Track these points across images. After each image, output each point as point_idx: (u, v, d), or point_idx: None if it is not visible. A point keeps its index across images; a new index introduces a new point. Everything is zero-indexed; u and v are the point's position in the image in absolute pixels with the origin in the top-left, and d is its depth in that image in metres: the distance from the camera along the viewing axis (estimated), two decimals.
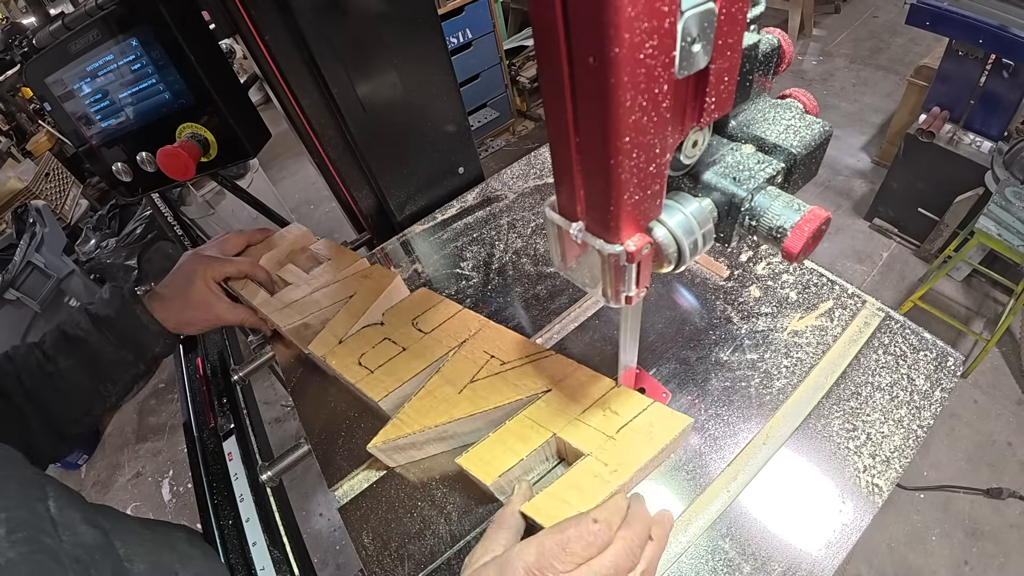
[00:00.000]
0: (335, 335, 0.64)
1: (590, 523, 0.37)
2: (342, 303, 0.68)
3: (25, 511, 0.35)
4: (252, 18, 0.64)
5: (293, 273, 0.74)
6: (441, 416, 0.53)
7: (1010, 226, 1.46)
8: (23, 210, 2.27)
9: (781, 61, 0.38)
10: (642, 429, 0.48)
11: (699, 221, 0.34)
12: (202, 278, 0.67)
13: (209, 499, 0.63)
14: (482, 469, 0.48)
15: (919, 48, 3.04)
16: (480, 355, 0.58)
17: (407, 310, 0.66)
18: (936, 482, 1.54)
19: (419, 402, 0.55)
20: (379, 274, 0.70)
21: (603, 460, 0.46)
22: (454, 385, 0.55)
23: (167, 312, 0.65)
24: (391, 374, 0.58)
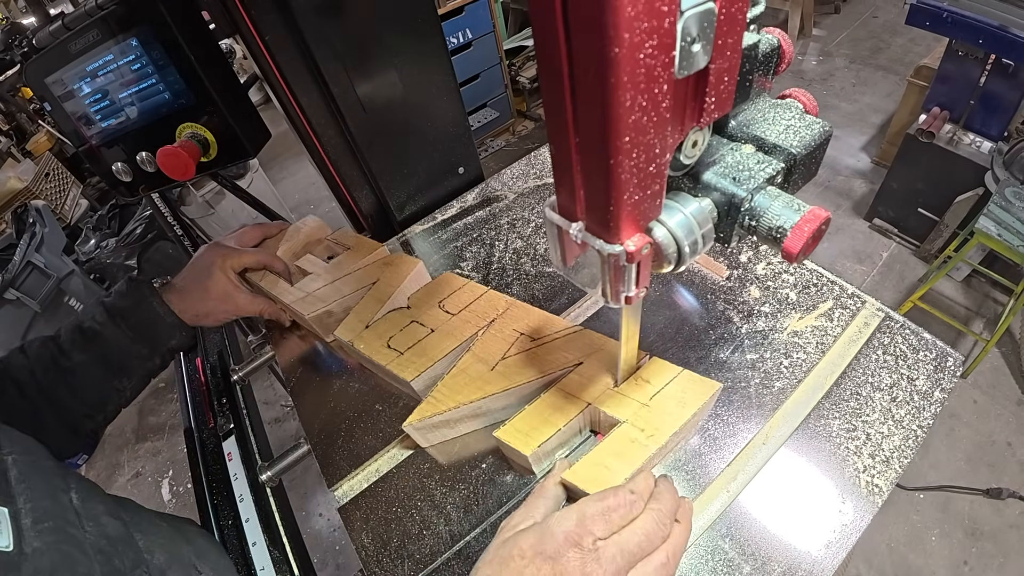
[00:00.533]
0: (361, 320, 0.64)
1: (627, 492, 0.38)
2: (364, 290, 0.68)
3: (50, 501, 0.35)
4: (252, 18, 0.64)
5: (312, 263, 0.74)
6: (476, 392, 0.53)
7: (1010, 226, 1.46)
8: (23, 210, 2.27)
9: (781, 61, 0.38)
10: (674, 395, 0.49)
11: (699, 221, 0.34)
12: (221, 268, 0.67)
13: (209, 499, 0.63)
14: (521, 441, 0.49)
15: (919, 48, 3.05)
16: (510, 332, 0.59)
17: (432, 293, 0.66)
18: (936, 482, 1.54)
19: (452, 380, 0.55)
20: (400, 260, 0.70)
21: (639, 426, 0.47)
22: (486, 363, 0.56)
23: (184, 304, 0.65)
24: (421, 355, 0.58)
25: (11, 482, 0.35)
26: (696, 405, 0.48)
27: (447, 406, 0.53)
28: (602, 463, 0.45)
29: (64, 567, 0.32)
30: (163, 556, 0.41)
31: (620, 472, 0.45)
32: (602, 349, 0.55)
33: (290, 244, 0.76)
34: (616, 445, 0.47)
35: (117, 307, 0.62)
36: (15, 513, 0.32)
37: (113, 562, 0.36)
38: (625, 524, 0.37)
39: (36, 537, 0.32)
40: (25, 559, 0.31)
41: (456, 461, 0.56)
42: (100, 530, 0.37)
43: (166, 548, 0.42)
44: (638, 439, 0.47)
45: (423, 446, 0.57)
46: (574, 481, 0.44)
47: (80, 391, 0.59)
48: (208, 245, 0.70)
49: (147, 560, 0.39)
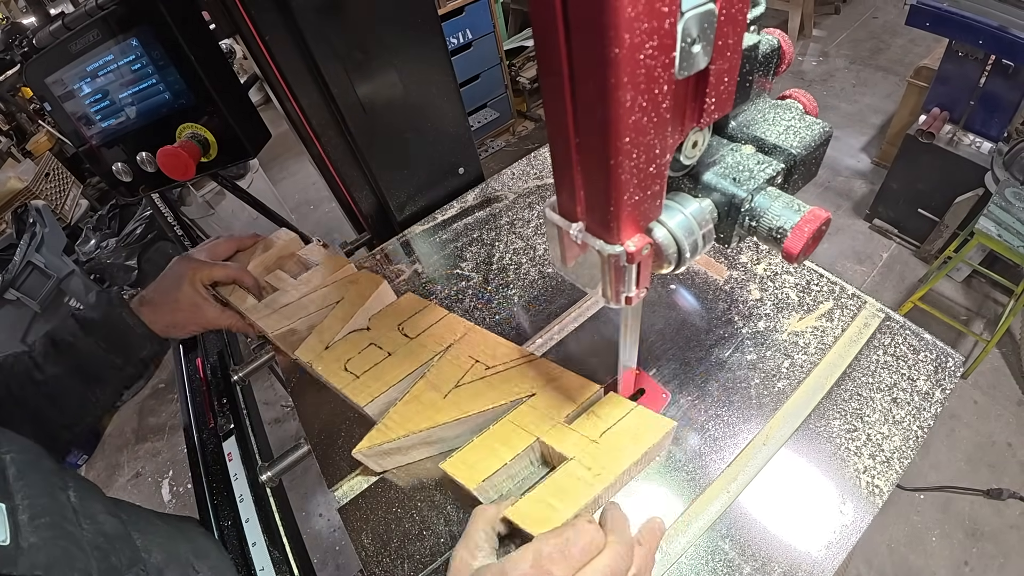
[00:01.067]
0: (321, 341, 0.64)
1: (586, 525, 0.37)
2: (328, 308, 0.68)
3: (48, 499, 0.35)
4: (252, 18, 0.64)
5: (280, 278, 0.73)
6: (426, 421, 0.53)
7: (1010, 227, 1.46)
8: (23, 210, 2.27)
9: (781, 62, 0.38)
10: (625, 432, 0.48)
11: (699, 222, 0.34)
12: (190, 282, 0.67)
13: (209, 499, 0.63)
14: (466, 473, 0.48)
15: (919, 49, 3.04)
16: (465, 359, 0.58)
17: (393, 315, 0.66)
18: (936, 483, 1.54)
19: (404, 407, 0.55)
20: (366, 279, 0.70)
21: (586, 464, 0.46)
22: (439, 390, 0.55)
23: (155, 315, 0.65)
24: (377, 379, 0.58)
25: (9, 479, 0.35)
26: (647, 444, 0.47)
27: (397, 434, 0.52)
28: (545, 501, 0.44)
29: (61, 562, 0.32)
30: (161, 555, 0.41)
31: (564, 512, 0.43)
32: (557, 380, 0.54)
33: (262, 258, 0.76)
34: (561, 483, 0.45)
35: (88, 319, 0.62)
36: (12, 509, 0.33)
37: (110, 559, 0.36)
38: (588, 559, 0.35)
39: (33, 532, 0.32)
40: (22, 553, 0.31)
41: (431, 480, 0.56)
42: (97, 528, 0.37)
43: (164, 547, 0.42)
44: (584, 478, 0.45)
45: (377, 472, 0.57)
46: (516, 519, 0.42)
47: (56, 403, 0.59)
48: (179, 257, 0.71)
49: (144, 559, 0.39)
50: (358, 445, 0.53)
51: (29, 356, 0.60)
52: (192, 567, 0.44)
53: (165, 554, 0.42)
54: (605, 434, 0.48)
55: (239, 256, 0.77)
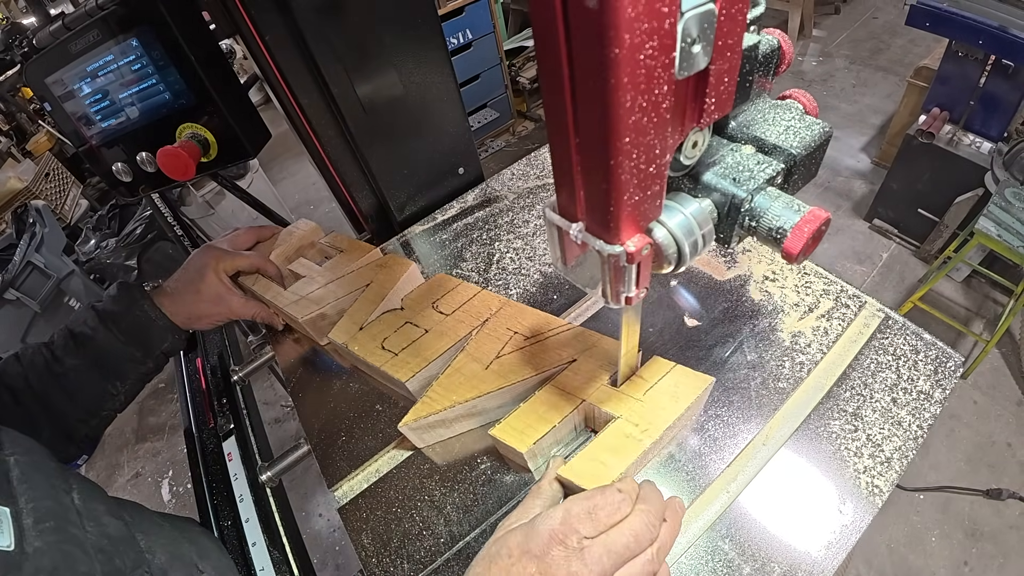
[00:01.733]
0: (355, 322, 0.64)
1: (615, 492, 0.38)
2: (358, 292, 0.68)
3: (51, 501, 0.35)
4: (252, 18, 0.64)
5: (305, 266, 0.74)
6: (471, 391, 0.54)
7: (1010, 227, 1.46)
8: (23, 210, 2.27)
9: (781, 62, 0.38)
10: (667, 390, 0.50)
11: (699, 222, 0.34)
12: (214, 271, 0.67)
13: (209, 499, 0.63)
14: (516, 438, 0.49)
15: (919, 49, 3.05)
16: (504, 332, 0.59)
17: (426, 294, 0.66)
18: (936, 483, 1.54)
19: (447, 379, 0.55)
20: (394, 262, 0.70)
21: (633, 421, 0.48)
22: (480, 362, 0.56)
23: (176, 306, 0.65)
24: (416, 355, 0.59)
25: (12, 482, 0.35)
26: (689, 399, 0.49)
27: (442, 406, 0.53)
28: (597, 459, 0.46)
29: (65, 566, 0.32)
30: (164, 556, 0.41)
31: (615, 467, 0.45)
32: (596, 346, 0.55)
33: (283, 248, 0.76)
34: (611, 440, 0.47)
35: (108, 311, 0.62)
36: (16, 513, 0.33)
37: (114, 561, 0.36)
38: (613, 523, 0.37)
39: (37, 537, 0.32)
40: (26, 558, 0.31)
41: (455, 461, 0.56)
42: (101, 530, 0.37)
43: (167, 548, 0.42)
44: (632, 434, 0.47)
45: (419, 447, 0.57)
46: (569, 477, 0.44)
47: (74, 396, 0.59)
48: (201, 248, 0.71)
49: (148, 560, 0.39)
50: (404, 419, 0.53)
51: (48, 348, 0.60)
52: (196, 567, 0.45)
53: (169, 555, 0.42)
54: (648, 392, 0.50)
55: (260, 247, 0.77)
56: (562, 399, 0.51)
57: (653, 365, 0.52)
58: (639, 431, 0.47)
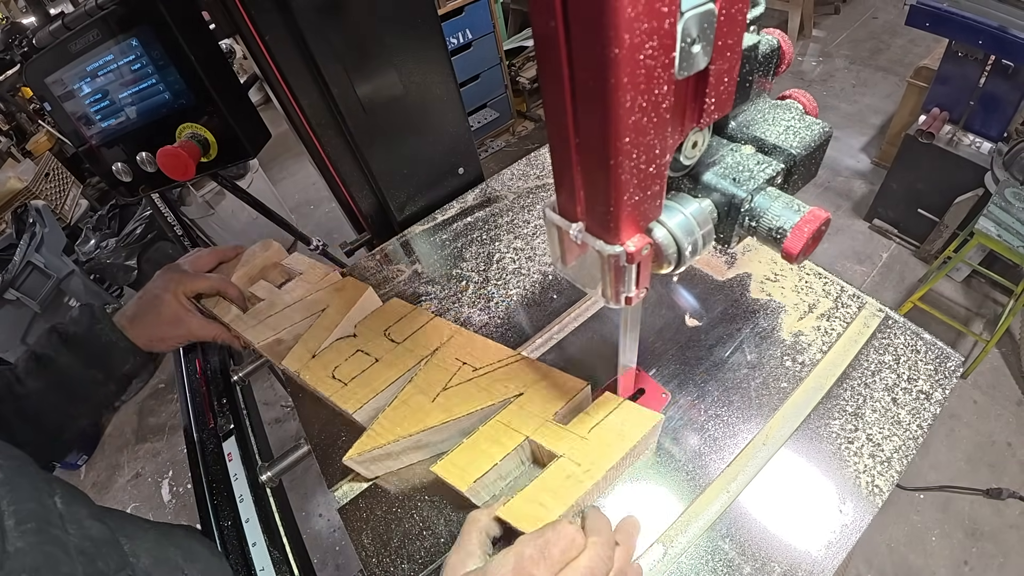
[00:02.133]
0: (308, 349, 0.63)
1: (566, 525, 0.37)
2: (314, 317, 0.67)
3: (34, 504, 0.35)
4: (252, 18, 0.64)
5: (265, 289, 0.73)
6: (415, 425, 0.53)
7: (1010, 227, 1.46)
8: (23, 210, 2.27)
9: (781, 62, 0.38)
10: (613, 428, 0.48)
11: (699, 222, 0.34)
12: (173, 293, 0.66)
13: (209, 500, 0.63)
14: (457, 476, 0.48)
15: (919, 49, 3.05)
16: (452, 362, 0.58)
17: (379, 321, 0.66)
18: (936, 482, 1.54)
19: (393, 412, 0.55)
20: (351, 286, 0.70)
21: (576, 460, 0.46)
22: (427, 394, 0.55)
23: (138, 329, 0.65)
24: (365, 385, 0.58)
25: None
26: (635, 438, 0.47)
27: (387, 439, 0.52)
28: (536, 500, 0.44)
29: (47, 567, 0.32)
30: (148, 559, 0.41)
31: (555, 509, 0.43)
32: (544, 379, 0.54)
33: (246, 269, 0.75)
34: (552, 481, 0.45)
35: (70, 333, 0.62)
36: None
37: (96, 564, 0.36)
38: (568, 560, 0.36)
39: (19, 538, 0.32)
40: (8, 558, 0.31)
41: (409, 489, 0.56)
42: (83, 532, 0.37)
43: (152, 552, 0.42)
44: (574, 474, 0.45)
45: (368, 478, 0.57)
46: (508, 518, 0.43)
47: (36, 419, 0.59)
48: (162, 270, 0.70)
49: (132, 563, 0.39)
50: (348, 452, 0.52)
51: (11, 371, 0.60)
52: (182, 571, 0.44)
53: (153, 558, 0.41)
54: (593, 430, 0.48)
55: (222, 268, 0.76)
56: (505, 435, 0.50)
57: (600, 400, 0.51)
58: (581, 471, 0.45)
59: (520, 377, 0.55)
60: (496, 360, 0.57)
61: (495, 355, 0.58)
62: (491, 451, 0.49)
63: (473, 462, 0.48)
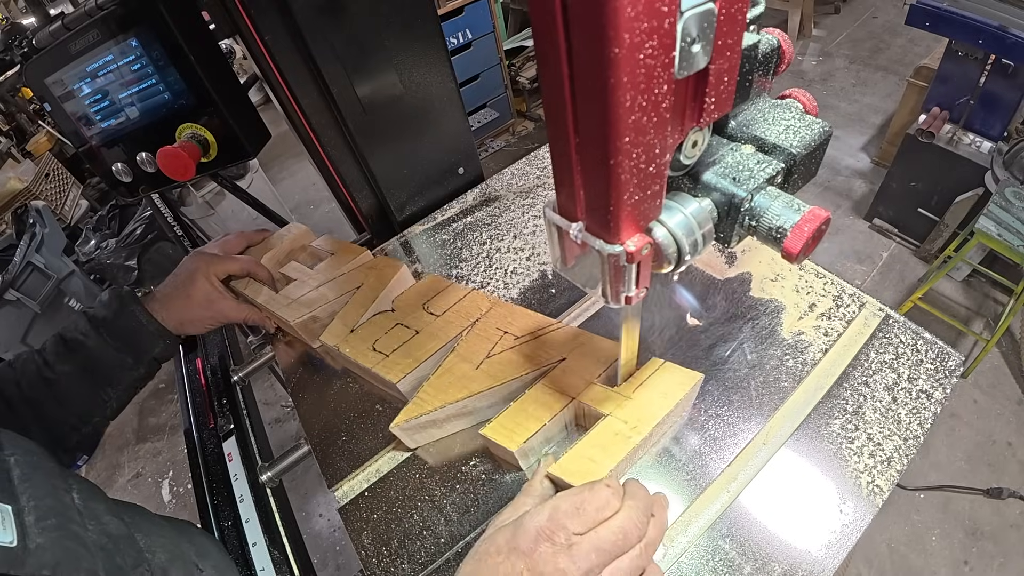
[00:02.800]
0: (346, 325, 0.64)
1: (603, 487, 0.38)
2: (349, 295, 0.68)
3: (52, 500, 0.36)
4: (252, 18, 0.64)
5: (296, 269, 0.74)
6: (461, 391, 0.54)
7: (1010, 226, 1.46)
8: (23, 211, 2.27)
9: (781, 61, 0.38)
10: (656, 387, 0.50)
11: (699, 221, 0.34)
12: (204, 275, 0.67)
13: (209, 500, 0.63)
14: (507, 437, 0.49)
15: (919, 48, 3.04)
16: (494, 332, 0.59)
17: (417, 296, 0.66)
18: (936, 482, 1.54)
19: (438, 380, 0.56)
20: (384, 264, 0.70)
21: (623, 419, 0.48)
22: (471, 362, 0.56)
23: (168, 311, 0.65)
24: (407, 356, 0.59)
25: (14, 481, 0.35)
26: (678, 396, 0.49)
27: (433, 406, 0.53)
28: (587, 456, 0.46)
29: (67, 562, 0.32)
30: (164, 555, 0.41)
31: (605, 464, 0.45)
32: (586, 344, 0.55)
33: (274, 251, 0.76)
34: (601, 438, 0.47)
35: (100, 317, 0.62)
36: (19, 511, 0.33)
37: (115, 559, 0.36)
38: (601, 519, 0.37)
39: (40, 533, 0.32)
40: (29, 554, 0.31)
41: (456, 461, 0.56)
42: (102, 528, 0.37)
43: (167, 548, 0.42)
44: (622, 431, 0.47)
45: (411, 447, 0.57)
46: (559, 474, 0.44)
47: (66, 402, 0.59)
48: (191, 253, 0.71)
49: (148, 559, 0.39)
50: (395, 420, 0.53)
51: (40, 355, 0.60)
52: (196, 567, 0.45)
53: (168, 554, 0.42)
54: (637, 390, 0.50)
55: (250, 252, 0.77)
56: (552, 398, 0.51)
57: (644, 364, 0.52)
58: (628, 428, 0.47)
59: (561, 344, 0.56)
60: (537, 328, 0.58)
61: (535, 324, 0.59)
62: (539, 413, 0.50)
63: (521, 424, 0.50)
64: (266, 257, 0.75)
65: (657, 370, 0.51)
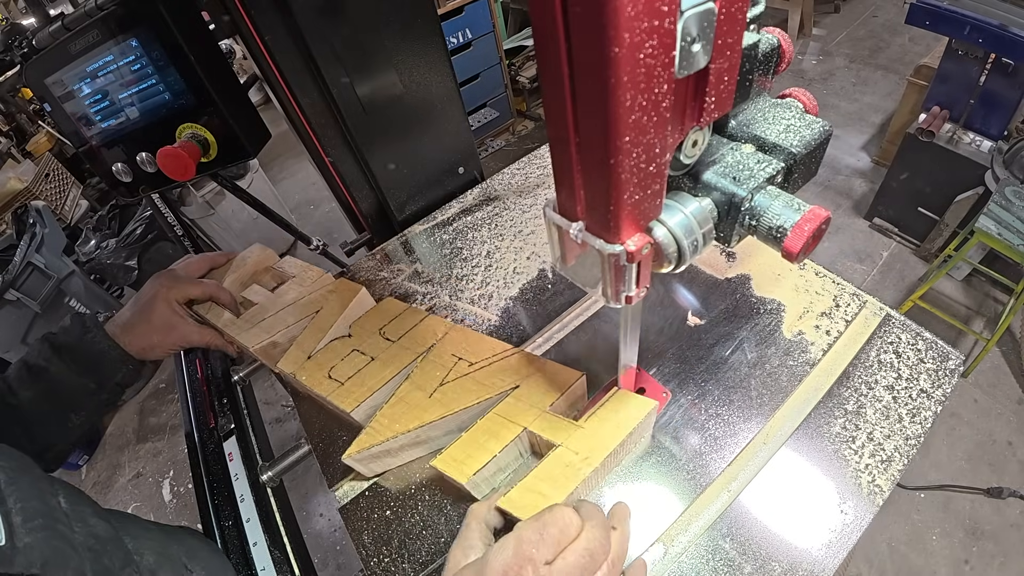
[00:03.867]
0: (303, 351, 0.63)
1: (561, 508, 0.37)
2: (309, 319, 0.67)
3: (39, 503, 0.36)
4: (252, 18, 0.64)
5: (258, 293, 0.72)
6: (413, 420, 0.53)
7: (1010, 225, 1.46)
8: (23, 211, 2.27)
9: (781, 61, 0.38)
10: (609, 416, 0.49)
11: (699, 221, 0.34)
12: (164, 300, 0.66)
13: (209, 499, 0.63)
14: (456, 469, 0.48)
15: (919, 47, 3.04)
16: (448, 358, 0.58)
17: (374, 320, 0.66)
18: (937, 481, 1.54)
19: (391, 409, 0.55)
20: (344, 287, 0.69)
21: (573, 449, 0.47)
22: (424, 390, 0.55)
23: (130, 336, 0.64)
24: (361, 384, 0.58)
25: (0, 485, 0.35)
26: (631, 425, 0.47)
27: (385, 436, 0.52)
28: (536, 489, 0.44)
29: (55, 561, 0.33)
30: (152, 556, 0.41)
31: (554, 497, 0.44)
32: (539, 371, 0.54)
33: (237, 274, 0.74)
34: (551, 469, 0.46)
35: (61, 343, 0.61)
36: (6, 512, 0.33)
37: (103, 560, 0.36)
38: (566, 540, 0.36)
39: (27, 533, 0.33)
40: (17, 553, 0.31)
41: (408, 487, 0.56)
42: (89, 530, 0.37)
43: (155, 550, 0.42)
44: (572, 463, 0.46)
45: (367, 476, 0.56)
46: (508, 508, 0.43)
47: (30, 428, 0.59)
48: (152, 277, 0.69)
49: (136, 561, 0.39)
50: (347, 451, 0.52)
51: (4, 380, 0.59)
52: (185, 567, 0.45)
53: (157, 556, 0.42)
54: (590, 419, 0.49)
55: (214, 274, 0.76)
56: (503, 427, 0.50)
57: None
58: (579, 459, 0.46)
59: (516, 370, 0.55)
60: (491, 354, 0.57)
61: (490, 349, 0.58)
62: (489, 444, 0.49)
63: (472, 455, 0.49)
64: (229, 280, 0.73)
65: (610, 398, 0.50)
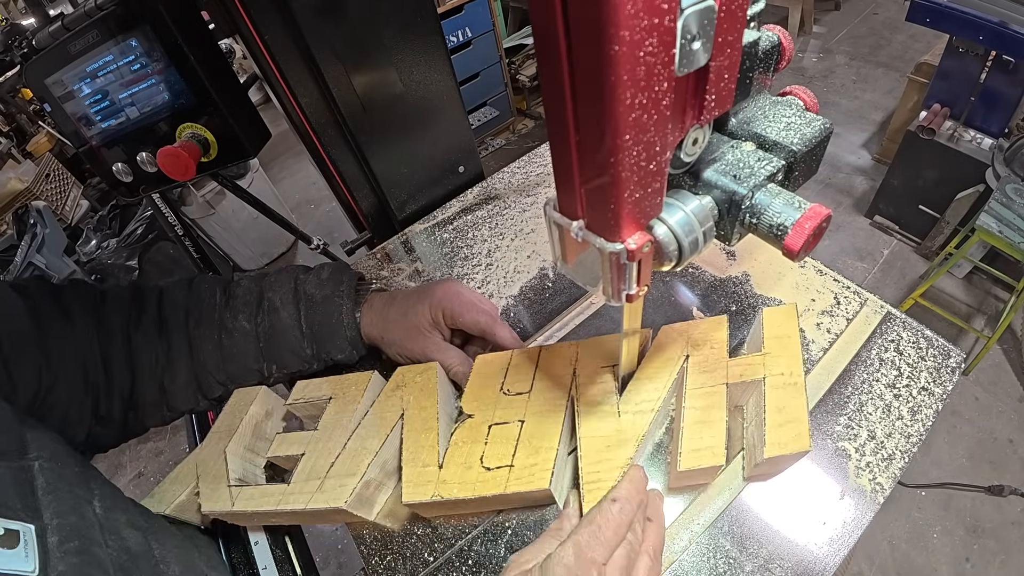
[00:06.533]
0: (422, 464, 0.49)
1: (608, 505, 0.38)
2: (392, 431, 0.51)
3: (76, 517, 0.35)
4: (252, 18, 0.64)
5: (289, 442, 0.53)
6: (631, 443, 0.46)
7: (1011, 223, 1.46)
8: (24, 211, 2.27)
9: (781, 58, 0.38)
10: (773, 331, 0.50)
11: (699, 219, 0.34)
12: (430, 304, 0.55)
13: None
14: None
15: (919, 45, 3.04)
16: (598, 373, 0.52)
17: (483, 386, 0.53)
18: (938, 479, 1.54)
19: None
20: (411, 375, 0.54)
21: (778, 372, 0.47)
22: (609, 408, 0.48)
23: (376, 318, 0.57)
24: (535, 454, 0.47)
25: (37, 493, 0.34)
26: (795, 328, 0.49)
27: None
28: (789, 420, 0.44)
29: None
30: (178, 568, 0.42)
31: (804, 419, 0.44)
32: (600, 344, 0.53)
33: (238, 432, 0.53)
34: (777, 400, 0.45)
35: (306, 294, 0.56)
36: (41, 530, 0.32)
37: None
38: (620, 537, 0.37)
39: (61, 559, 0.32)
40: None
41: None
42: (121, 544, 0.37)
43: (180, 558, 0.43)
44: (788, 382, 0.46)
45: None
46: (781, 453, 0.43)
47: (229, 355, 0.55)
48: (449, 277, 0.63)
49: (163, 572, 0.40)
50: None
51: (225, 294, 0.56)
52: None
53: (182, 566, 0.42)
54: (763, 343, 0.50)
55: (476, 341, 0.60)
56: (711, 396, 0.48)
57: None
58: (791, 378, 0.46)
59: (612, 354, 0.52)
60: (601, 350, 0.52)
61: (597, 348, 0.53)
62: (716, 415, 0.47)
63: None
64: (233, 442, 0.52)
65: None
